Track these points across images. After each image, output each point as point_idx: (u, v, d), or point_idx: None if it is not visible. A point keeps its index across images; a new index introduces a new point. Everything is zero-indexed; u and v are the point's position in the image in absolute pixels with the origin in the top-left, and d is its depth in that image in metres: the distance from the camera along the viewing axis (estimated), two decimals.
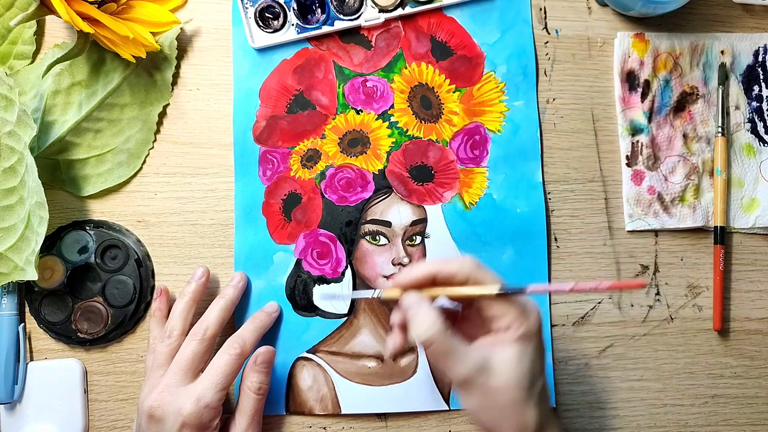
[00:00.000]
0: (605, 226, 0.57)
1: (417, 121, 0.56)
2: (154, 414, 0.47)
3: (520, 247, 0.56)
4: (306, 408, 0.54)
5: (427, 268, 0.44)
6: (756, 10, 0.59)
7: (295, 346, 0.55)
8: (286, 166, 0.56)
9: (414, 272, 0.44)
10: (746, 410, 0.56)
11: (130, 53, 0.52)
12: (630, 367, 0.56)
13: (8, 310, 0.54)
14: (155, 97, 0.56)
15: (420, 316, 0.43)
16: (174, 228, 0.56)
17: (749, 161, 0.58)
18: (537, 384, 0.42)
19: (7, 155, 0.51)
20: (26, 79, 0.55)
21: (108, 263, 0.54)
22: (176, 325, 0.51)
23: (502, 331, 0.43)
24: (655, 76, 0.57)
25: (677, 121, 0.57)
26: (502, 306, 0.42)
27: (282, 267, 0.55)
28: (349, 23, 0.56)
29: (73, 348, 0.55)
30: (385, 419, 0.55)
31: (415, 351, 0.55)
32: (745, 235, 0.58)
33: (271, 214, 0.56)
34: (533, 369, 0.42)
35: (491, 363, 0.42)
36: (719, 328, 0.56)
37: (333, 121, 0.56)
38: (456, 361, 0.42)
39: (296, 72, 0.56)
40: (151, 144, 0.56)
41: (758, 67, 0.58)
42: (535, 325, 0.42)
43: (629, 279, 0.42)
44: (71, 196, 0.55)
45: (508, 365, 0.42)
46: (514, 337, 0.42)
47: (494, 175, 0.56)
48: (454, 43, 0.57)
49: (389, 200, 0.56)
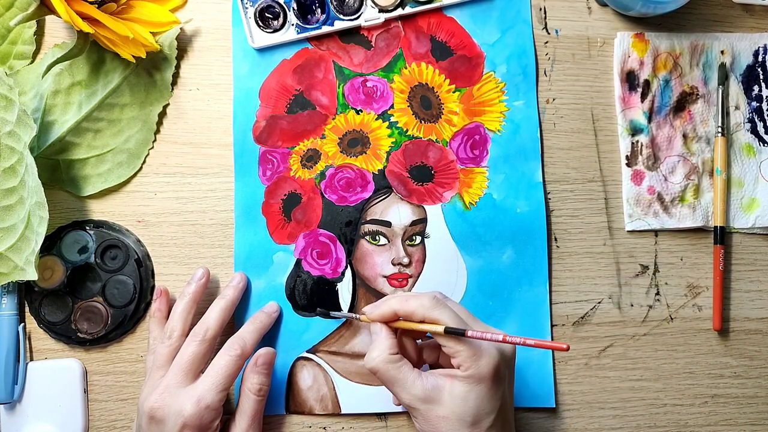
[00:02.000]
0: (605, 226, 0.57)
1: (417, 121, 0.56)
2: (154, 415, 0.47)
3: (520, 247, 0.56)
4: (306, 408, 0.54)
5: (391, 307, 0.47)
6: (756, 10, 0.59)
7: (295, 346, 0.55)
8: (286, 166, 0.56)
9: (379, 309, 0.47)
10: (746, 410, 0.56)
11: (130, 53, 0.52)
12: (630, 367, 0.56)
13: (8, 310, 0.54)
14: (155, 97, 0.56)
15: (373, 344, 0.47)
16: (174, 228, 0.56)
17: (749, 161, 0.58)
18: (482, 423, 0.44)
19: (7, 155, 0.51)
20: (26, 79, 0.55)
21: (108, 263, 0.54)
22: (176, 326, 0.51)
23: (457, 368, 0.45)
24: (655, 76, 0.57)
25: (677, 121, 0.57)
26: (456, 345, 0.44)
27: (282, 267, 0.55)
28: (349, 23, 0.56)
29: (73, 348, 0.55)
30: (385, 419, 0.55)
31: None
32: (745, 235, 0.58)
33: (271, 214, 0.56)
34: (479, 408, 0.44)
35: (441, 393, 0.44)
36: (719, 328, 0.56)
37: (333, 121, 0.56)
38: (401, 389, 0.45)
39: (296, 72, 0.56)
40: (151, 144, 0.56)
41: (758, 67, 0.58)
42: (487, 368, 0.44)
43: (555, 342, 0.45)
44: (71, 196, 0.55)
45: (453, 400, 0.44)
46: (463, 375, 0.44)
47: (494, 175, 0.56)
48: (454, 43, 0.57)
49: (389, 200, 0.56)
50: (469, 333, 0.43)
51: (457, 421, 0.44)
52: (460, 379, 0.44)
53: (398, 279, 0.55)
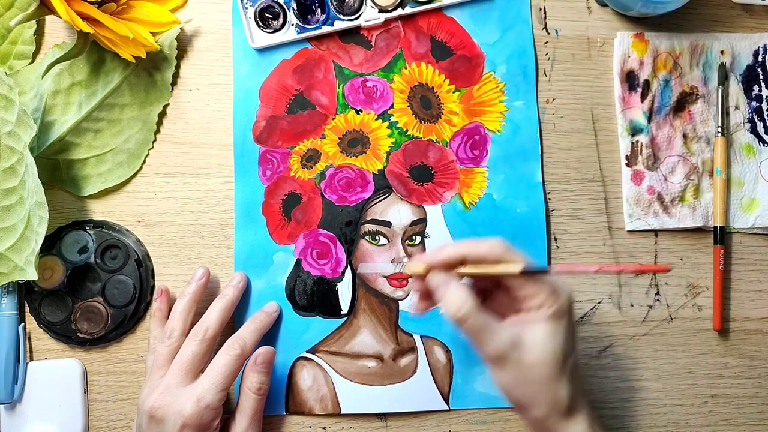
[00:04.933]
0: (605, 226, 0.57)
1: (417, 121, 0.56)
2: (154, 415, 0.47)
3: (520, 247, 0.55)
4: (306, 408, 0.54)
5: (457, 251, 0.44)
6: (756, 10, 0.59)
7: (295, 346, 0.55)
8: (286, 166, 0.56)
9: (443, 253, 0.45)
10: (746, 410, 0.56)
11: (130, 53, 0.52)
12: (630, 366, 0.56)
13: (8, 310, 0.54)
14: (155, 97, 0.56)
15: (450, 294, 0.43)
16: (174, 228, 0.56)
17: (749, 161, 0.58)
18: (569, 361, 0.43)
19: (7, 155, 0.51)
20: (26, 79, 0.55)
21: (108, 263, 0.54)
22: (176, 325, 0.51)
23: (534, 310, 0.43)
24: (655, 76, 0.57)
25: (677, 121, 0.57)
26: (533, 286, 0.43)
27: (282, 267, 0.55)
28: (349, 23, 0.56)
29: (73, 348, 0.55)
30: (385, 419, 0.55)
31: (415, 351, 0.55)
32: (745, 235, 0.58)
33: (271, 214, 0.56)
34: (565, 346, 0.43)
35: (524, 340, 0.43)
36: (719, 328, 0.56)
37: (333, 121, 0.56)
38: (489, 337, 0.43)
39: (296, 72, 0.56)
40: (151, 144, 0.56)
41: (758, 67, 0.58)
42: (566, 304, 0.43)
43: (656, 265, 0.42)
44: (71, 196, 0.55)
45: (541, 342, 0.43)
46: (546, 315, 0.43)
47: (494, 175, 0.56)
48: (453, 43, 0.57)
49: (389, 200, 0.56)
50: (555, 268, 0.42)
51: (548, 363, 0.43)
52: (543, 320, 0.43)
53: (398, 279, 0.55)
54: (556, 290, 0.43)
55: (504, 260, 0.44)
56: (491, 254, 0.44)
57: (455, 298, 0.43)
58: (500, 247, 0.44)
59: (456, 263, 0.45)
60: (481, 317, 0.43)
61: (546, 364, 0.43)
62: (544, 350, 0.43)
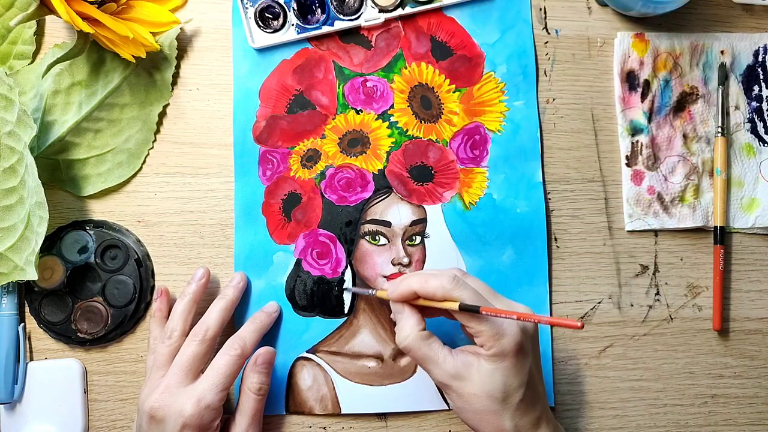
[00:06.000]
0: (605, 226, 0.57)
1: (417, 121, 0.56)
2: (155, 415, 0.47)
3: (520, 247, 0.56)
4: (306, 408, 0.54)
5: (410, 287, 0.46)
6: (756, 10, 0.59)
7: (295, 346, 0.55)
8: (285, 166, 0.56)
9: (399, 289, 0.47)
10: (746, 410, 0.56)
11: (130, 53, 0.52)
12: (629, 367, 0.56)
13: (8, 310, 0.54)
14: (155, 97, 0.56)
15: (400, 324, 0.47)
16: (174, 228, 0.56)
17: (749, 161, 0.58)
18: (512, 397, 0.45)
19: (7, 155, 0.51)
20: (26, 79, 0.55)
21: (108, 263, 0.54)
22: (176, 325, 0.51)
23: (480, 347, 0.45)
24: (655, 76, 0.57)
25: (677, 121, 0.57)
26: (477, 325, 0.44)
27: (282, 267, 0.55)
28: (349, 23, 0.56)
29: (73, 348, 0.55)
30: (385, 419, 0.55)
31: None
32: (745, 235, 0.58)
33: (271, 214, 0.56)
34: (506, 384, 0.45)
35: (469, 372, 0.45)
36: (719, 328, 0.56)
37: (333, 121, 0.56)
38: (433, 366, 0.46)
39: (296, 72, 0.56)
40: (151, 144, 0.56)
41: (758, 67, 0.58)
42: (510, 345, 0.44)
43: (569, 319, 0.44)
44: (71, 196, 0.55)
45: (479, 379, 0.45)
46: (487, 354, 0.45)
47: (494, 175, 0.56)
48: (454, 43, 0.57)
49: (389, 200, 0.56)
50: (483, 310, 0.43)
51: (487, 398, 0.45)
52: (485, 358, 0.45)
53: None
54: (499, 332, 0.44)
55: (449, 297, 0.45)
56: (438, 292, 0.45)
57: (401, 328, 0.46)
58: (450, 284, 0.45)
59: (411, 297, 0.47)
60: (425, 347, 0.45)
61: (485, 399, 0.45)
62: (482, 387, 0.45)
